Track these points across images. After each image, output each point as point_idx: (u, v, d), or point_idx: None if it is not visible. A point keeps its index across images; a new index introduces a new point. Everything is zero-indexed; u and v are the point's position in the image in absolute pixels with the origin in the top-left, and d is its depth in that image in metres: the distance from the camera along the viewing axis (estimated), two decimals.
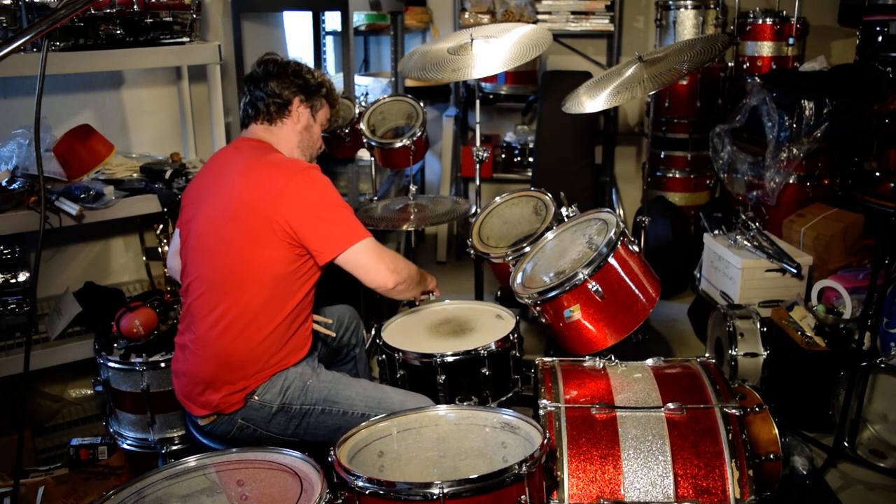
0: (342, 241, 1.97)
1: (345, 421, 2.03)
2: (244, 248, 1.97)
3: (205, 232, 2.04)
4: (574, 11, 4.45)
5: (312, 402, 2.04)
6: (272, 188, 1.95)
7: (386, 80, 4.29)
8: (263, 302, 1.98)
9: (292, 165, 2.03)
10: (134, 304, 2.48)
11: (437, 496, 1.49)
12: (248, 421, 2.03)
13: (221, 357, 1.99)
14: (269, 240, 1.95)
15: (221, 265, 2.00)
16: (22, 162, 2.50)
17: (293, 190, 1.95)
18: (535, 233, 2.56)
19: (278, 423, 2.04)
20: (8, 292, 2.52)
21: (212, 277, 2.01)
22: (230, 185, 2.03)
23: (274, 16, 3.96)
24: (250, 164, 2.04)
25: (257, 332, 1.98)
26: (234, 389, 2.00)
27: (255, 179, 2.00)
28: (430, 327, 2.47)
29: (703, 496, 1.74)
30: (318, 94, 2.21)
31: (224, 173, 2.07)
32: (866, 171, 3.70)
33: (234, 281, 1.98)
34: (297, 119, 2.17)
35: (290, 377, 2.04)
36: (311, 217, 1.96)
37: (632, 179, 4.87)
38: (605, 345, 2.18)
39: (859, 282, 3.03)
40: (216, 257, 2.01)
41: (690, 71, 2.44)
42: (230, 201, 2.01)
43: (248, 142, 2.14)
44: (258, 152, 2.08)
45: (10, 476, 2.34)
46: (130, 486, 1.58)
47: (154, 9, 2.60)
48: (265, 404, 2.01)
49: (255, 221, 1.95)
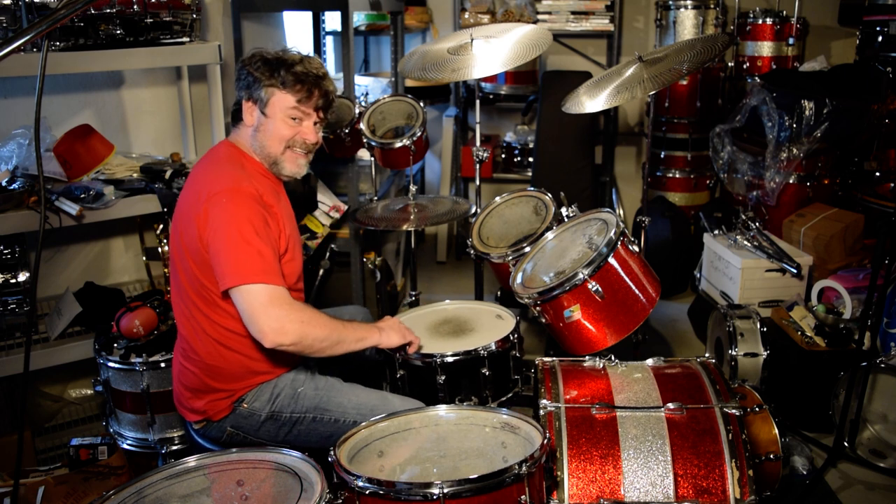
0: (230, 277, 1.81)
1: (336, 429, 2.01)
2: (203, 262, 1.90)
3: (175, 242, 2.01)
4: (574, 11, 4.45)
5: (303, 410, 2.02)
6: (197, 204, 1.89)
7: (386, 80, 4.29)
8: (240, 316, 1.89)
9: (216, 184, 1.88)
10: (134, 304, 2.48)
11: (437, 496, 1.49)
12: (238, 428, 2.02)
13: (206, 366, 1.99)
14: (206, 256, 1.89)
15: (191, 279, 1.95)
16: (22, 162, 2.50)
17: (207, 210, 1.85)
18: (535, 233, 2.56)
19: (268, 431, 2.03)
20: (8, 292, 2.52)
21: (188, 293, 1.98)
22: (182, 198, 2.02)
23: (274, 16, 3.97)
24: (196, 177, 2.01)
25: (239, 343, 1.97)
26: (217, 397, 1.99)
27: (193, 194, 1.95)
28: (430, 327, 2.47)
29: (703, 496, 1.74)
30: (264, 84, 1.95)
31: (187, 183, 2.06)
32: (866, 171, 3.71)
33: (207, 295, 1.95)
34: (248, 121, 2.00)
35: (280, 385, 2.03)
36: (215, 242, 1.84)
37: (632, 179, 4.87)
38: (605, 345, 2.18)
39: (859, 282, 3.03)
40: (186, 276, 1.97)
41: (690, 71, 2.44)
42: (178, 216, 2.00)
43: (219, 147, 2.08)
44: (213, 162, 2.00)
45: (10, 476, 2.34)
46: (130, 486, 1.58)
47: (154, 9, 2.60)
48: (254, 412, 2.00)
49: (192, 236, 1.90)
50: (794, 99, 3.53)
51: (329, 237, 3.38)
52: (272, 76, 1.95)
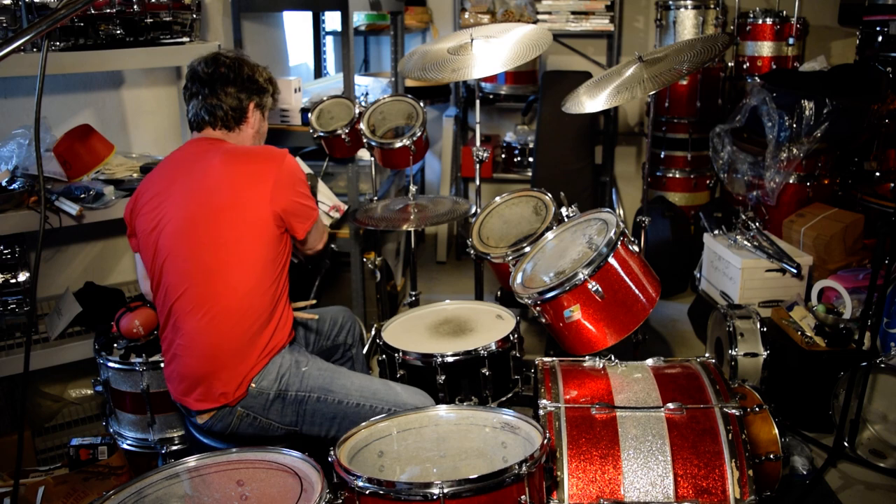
0: (312, 217, 2.16)
1: (339, 410, 2.05)
2: (230, 238, 2.00)
3: (180, 231, 2.02)
4: (574, 11, 4.45)
5: (308, 390, 2.06)
6: (264, 178, 2.02)
7: (386, 80, 4.29)
8: (249, 287, 2.01)
9: (275, 154, 2.09)
10: (134, 304, 2.48)
11: (437, 496, 1.49)
12: (248, 408, 2.04)
13: (214, 347, 2.00)
14: (257, 227, 2.02)
15: (205, 259, 2.00)
16: (22, 162, 2.50)
17: (284, 178, 2.04)
18: (535, 233, 2.56)
19: (276, 411, 2.05)
20: (8, 292, 2.52)
21: (193, 274, 2.00)
22: (207, 181, 2.03)
23: (274, 16, 3.97)
24: (228, 158, 2.07)
25: (244, 318, 2.01)
26: (234, 374, 2.01)
27: (240, 171, 2.05)
28: (430, 327, 2.47)
29: (703, 496, 1.74)
30: (267, 93, 2.25)
31: (193, 172, 2.06)
32: (866, 171, 3.71)
33: (219, 271, 2.00)
34: (252, 124, 2.22)
35: (284, 364, 2.07)
36: (297, 198, 2.09)
37: (632, 179, 4.87)
38: (605, 345, 2.18)
39: (859, 282, 3.03)
40: (199, 252, 2.01)
41: (690, 71, 2.44)
42: (211, 196, 2.02)
43: (209, 141, 2.15)
44: (227, 147, 2.13)
45: (10, 476, 2.34)
46: (130, 486, 1.58)
47: (154, 9, 2.60)
48: (262, 391, 2.03)
49: (246, 211, 2.01)
50: (794, 99, 3.53)
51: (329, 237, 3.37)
52: (269, 85, 2.26)
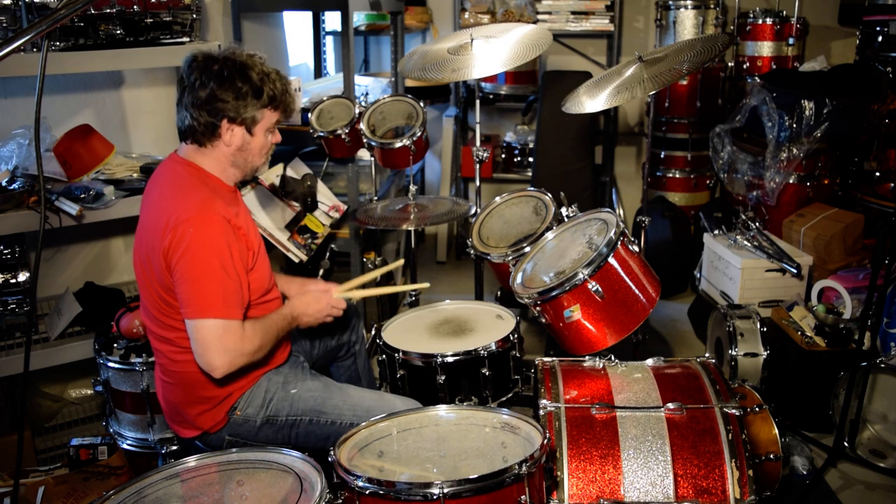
0: (190, 309, 1.84)
1: (334, 430, 2.01)
2: (170, 289, 1.89)
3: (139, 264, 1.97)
4: (574, 11, 4.45)
5: (299, 413, 2.02)
6: (163, 232, 1.84)
7: (386, 80, 4.29)
8: None
9: (183, 211, 1.84)
10: (134, 304, 2.48)
11: (437, 496, 1.49)
12: (236, 436, 2.01)
13: (186, 378, 1.97)
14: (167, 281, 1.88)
15: (156, 297, 1.93)
16: (22, 162, 2.50)
17: (173, 239, 1.83)
18: (535, 233, 2.56)
19: (266, 436, 2.02)
20: (8, 292, 2.52)
21: (146, 307, 1.98)
22: (143, 219, 1.98)
23: (274, 16, 3.97)
24: (158, 198, 1.94)
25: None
26: (207, 407, 1.97)
27: (155, 219, 1.89)
28: (430, 327, 2.47)
29: (703, 496, 1.74)
30: (254, 107, 1.92)
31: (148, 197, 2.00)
32: (866, 171, 3.71)
33: (175, 315, 1.92)
34: (228, 141, 1.94)
35: (271, 388, 2.03)
36: (180, 270, 1.83)
37: (632, 179, 4.87)
38: (605, 345, 2.18)
39: (859, 282, 3.03)
40: (142, 290, 1.98)
41: (690, 71, 2.44)
42: (141, 237, 1.96)
43: (174, 165, 1.98)
44: (176, 186, 1.93)
45: (10, 476, 2.34)
46: (130, 486, 1.58)
47: (154, 9, 2.60)
48: (249, 418, 2.00)
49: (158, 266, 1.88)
50: (794, 99, 3.53)
51: (329, 237, 3.37)
52: (258, 97, 1.92)
